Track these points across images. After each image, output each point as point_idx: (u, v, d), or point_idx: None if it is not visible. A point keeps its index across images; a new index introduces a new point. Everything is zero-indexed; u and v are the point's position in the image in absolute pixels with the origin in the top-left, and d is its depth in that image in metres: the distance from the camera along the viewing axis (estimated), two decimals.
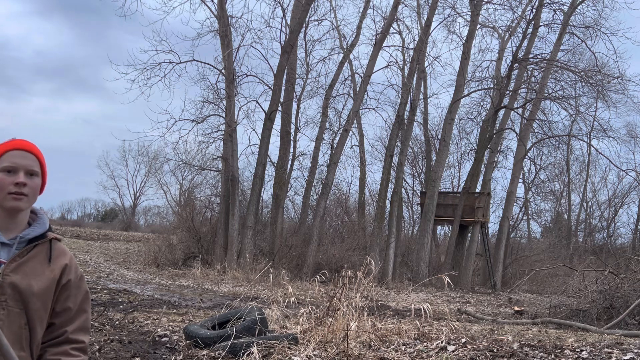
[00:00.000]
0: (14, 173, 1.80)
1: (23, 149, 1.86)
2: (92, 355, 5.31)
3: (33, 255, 1.83)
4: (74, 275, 1.91)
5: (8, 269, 1.77)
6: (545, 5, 22.02)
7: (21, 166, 1.82)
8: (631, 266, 12.57)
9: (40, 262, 1.84)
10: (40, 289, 1.80)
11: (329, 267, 16.28)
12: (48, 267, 1.84)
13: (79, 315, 1.91)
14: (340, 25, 23.34)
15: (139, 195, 55.08)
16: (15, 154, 1.83)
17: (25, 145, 1.88)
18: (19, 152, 1.84)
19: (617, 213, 33.18)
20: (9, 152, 1.82)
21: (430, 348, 5.56)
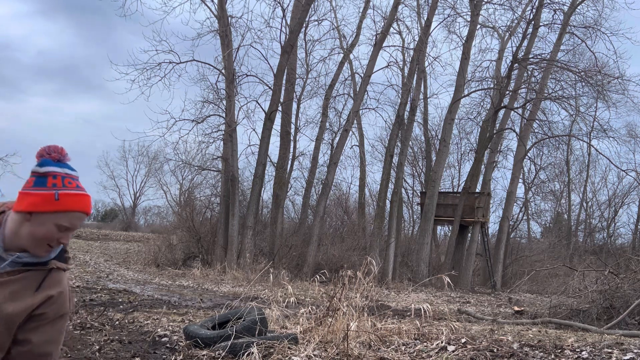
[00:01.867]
0: (65, 232, 1.75)
1: (87, 213, 1.80)
2: (92, 355, 5.31)
3: (22, 278, 1.75)
4: (54, 310, 1.80)
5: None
6: (545, 5, 22.03)
7: (75, 227, 1.78)
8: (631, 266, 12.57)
9: (27, 287, 1.76)
10: (12, 313, 1.72)
11: (329, 267, 16.28)
12: (32, 294, 1.76)
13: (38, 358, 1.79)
14: (340, 25, 23.37)
15: (139, 195, 55.12)
16: (79, 217, 1.77)
17: (89, 208, 1.81)
18: (83, 215, 1.78)
19: (617, 213, 33.21)
20: (75, 212, 1.74)
21: (430, 348, 5.56)
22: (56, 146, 1.79)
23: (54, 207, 1.70)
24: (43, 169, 1.74)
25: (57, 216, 1.71)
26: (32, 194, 1.72)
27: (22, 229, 1.72)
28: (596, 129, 25.14)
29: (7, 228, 1.74)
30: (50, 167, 1.75)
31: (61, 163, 1.78)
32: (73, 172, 1.80)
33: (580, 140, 27.29)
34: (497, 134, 22.88)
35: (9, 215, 1.75)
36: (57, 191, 1.71)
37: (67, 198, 1.72)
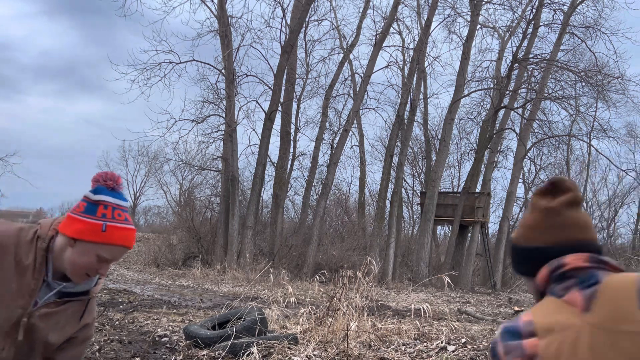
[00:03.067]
0: (105, 263, 1.74)
1: (130, 247, 1.78)
2: (92, 355, 5.31)
3: (67, 308, 1.79)
4: (84, 335, 1.86)
5: (38, 312, 1.73)
6: (545, 5, 22.03)
7: (116, 260, 1.77)
8: (631, 266, 12.57)
9: (71, 317, 1.80)
10: (55, 343, 1.78)
11: (329, 267, 16.28)
12: (75, 324, 1.81)
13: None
14: (340, 25, 23.37)
15: (139, 195, 55.10)
16: (121, 250, 1.75)
17: (133, 243, 1.78)
18: (126, 249, 1.76)
19: (617, 213, 33.17)
20: (119, 247, 1.73)
21: (430, 348, 5.56)
22: (113, 174, 1.77)
23: (99, 239, 1.69)
24: (96, 196, 1.72)
25: (101, 247, 1.69)
26: (80, 220, 1.70)
27: (65, 253, 1.71)
28: (596, 129, 25.13)
29: (55, 252, 1.74)
30: (103, 195, 1.73)
31: (115, 192, 1.75)
32: (124, 203, 1.77)
33: (580, 140, 27.27)
34: (497, 134, 22.88)
35: (57, 238, 1.75)
36: (106, 222, 1.69)
37: (114, 231, 1.70)
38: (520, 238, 1.45)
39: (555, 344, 1.22)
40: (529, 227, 1.43)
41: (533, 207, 1.44)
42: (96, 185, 1.75)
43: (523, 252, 1.43)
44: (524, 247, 1.43)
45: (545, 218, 1.40)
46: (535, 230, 1.41)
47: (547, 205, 1.40)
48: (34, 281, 1.72)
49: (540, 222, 1.40)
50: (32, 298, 1.72)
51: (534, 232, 1.41)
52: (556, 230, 1.38)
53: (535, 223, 1.41)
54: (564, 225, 1.38)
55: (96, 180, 1.75)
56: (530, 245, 1.41)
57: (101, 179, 1.75)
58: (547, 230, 1.39)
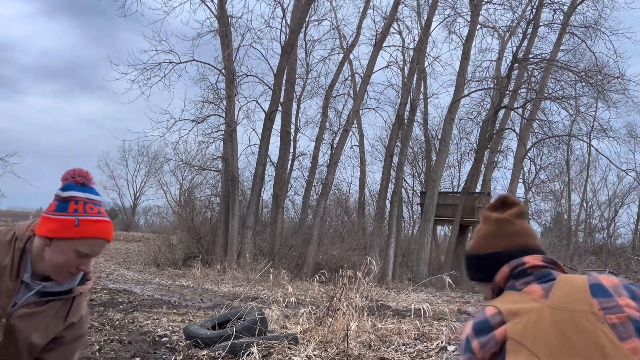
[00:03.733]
0: (85, 259, 1.73)
1: (108, 239, 1.77)
2: (92, 355, 5.31)
3: (49, 308, 1.77)
4: (73, 334, 1.84)
5: (16, 313, 1.71)
6: (545, 5, 22.03)
7: (95, 254, 1.76)
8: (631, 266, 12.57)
9: (54, 316, 1.78)
10: (38, 343, 1.76)
11: (329, 267, 16.28)
12: (59, 323, 1.79)
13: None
14: (340, 25, 23.36)
15: (139, 195, 55.12)
16: (99, 243, 1.74)
17: (110, 235, 1.77)
18: (104, 242, 1.75)
19: (617, 213, 33.16)
20: (95, 239, 1.72)
21: (430, 348, 5.56)
22: (81, 170, 1.77)
23: (73, 234, 1.68)
24: (65, 193, 1.72)
25: (77, 242, 1.68)
26: (52, 219, 1.70)
27: (44, 254, 1.70)
28: (596, 129, 25.12)
29: (33, 253, 1.73)
30: (73, 191, 1.72)
31: (85, 187, 1.75)
32: (96, 197, 1.77)
33: (580, 140, 27.26)
34: (497, 134, 22.88)
35: (34, 239, 1.74)
36: (78, 217, 1.69)
37: (87, 224, 1.69)
38: (476, 248, 1.62)
39: (521, 323, 1.36)
40: (483, 237, 1.60)
41: (486, 219, 1.62)
42: (65, 183, 1.74)
43: (479, 259, 1.60)
44: (480, 254, 1.60)
45: (498, 227, 1.57)
46: (490, 239, 1.58)
47: (499, 217, 1.58)
48: (12, 282, 1.70)
49: (494, 231, 1.58)
50: (10, 299, 1.70)
51: (489, 241, 1.58)
52: (509, 237, 1.55)
53: (489, 233, 1.59)
54: (516, 232, 1.56)
55: (65, 178, 1.75)
56: (486, 252, 1.58)
57: (69, 176, 1.75)
58: (501, 237, 1.56)
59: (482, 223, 1.63)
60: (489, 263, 1.56)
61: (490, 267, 1.55)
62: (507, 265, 1.51)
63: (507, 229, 1.56)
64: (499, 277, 1.52)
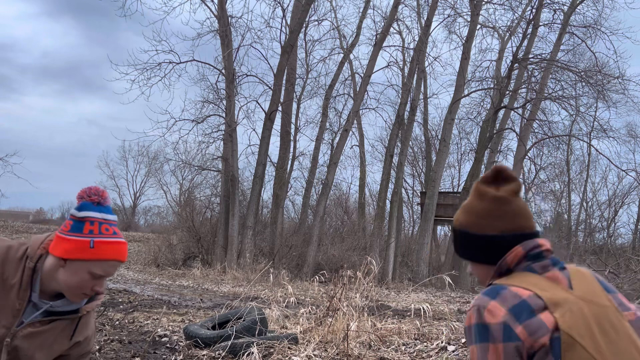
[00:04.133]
0: (99, 280, 1.71)
1: (122, 260, 1.75)
2: (92, 355, 5.31)
3: (55, 327, 1.74)
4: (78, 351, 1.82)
5: (21, 332, 1.69)
6: (545, 5, 22.02)
7: (109, 275, 1.74)
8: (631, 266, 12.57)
9: (60, 335, 1.75)
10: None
11: (329, 267, 16.29)
12: (64, 342, 1.76)
13: None
14: (340, 25, 23.37)
15: (139, 195, 55.11)
16: (114, 265, 1.72)
17: (125, 256, 1.75)
18: (118, 263, 1.73)
19: (617, 213, 33.15)
20: (110, 261, 1.69)
21: (430, 348, 5.56)
22: (97, 188, 1.74)
23: (88, 256, 1.65)
24: (81, 213, 1.69)
25: (92, 264, 1.66)
26: (67, 240, 1.67)
27: (58, 274, 1.68)
28: (596, 129, 25.13)
29: (45, 271, 1.70)
30: (89, 211, 1.69)
31: (101, 207, 1.72)
32: (111, 217, 1.74)
33: (580, 140, 27.26)
34: (497, 134, 22.88)
35: (47, 258, 1.71)
36: (93, 239, 1.66)
37: (102, 246, 1.67)
38: (471, 225, 1.49)
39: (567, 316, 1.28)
40: (480, 216, 1.47)
41: (480, 195, 1.49)
42: (81, 202, 1.72)
43: (474, 238, 1.48)
44: (475, 234, 1.48)
45: (496, 207, 1.45)
46: (486, 219, 1.46)
47: (496, 195, 1.46)
48: (19, 301, 1.68)
49: (492, 210, 1.46)
50: (16, 318, 1.68)
51: (487, 220, 1.46)
52: (506, 218, 1.44)
53: (486, 212, 1.46)
54: (515, 214, 1.45)
55: (81, 197, 1.72)
56: (484, 233, 1.46)
57: (85, 194, 1.71)
58: (499, 218, 1.44)
59: (476, 198, 1.50)
60: (484, 244, 1.46)
61: (485, 249, 1.45)
62: (521, 246, 1.42)
63: (504, 208, 1.44)
64: (510, 257, 1.42)
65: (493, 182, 1.50)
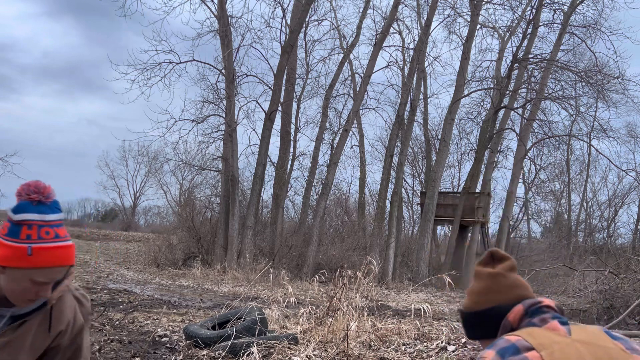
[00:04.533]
0: (43, 286, 1.54)
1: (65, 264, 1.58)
2: (92, 355, 5.31)
3: (28, 327, 1.61)
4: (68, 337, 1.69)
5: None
6: (545, 5, 22.03)
7: (52, 280, 1.56)
8: (631, 266, 12.56)
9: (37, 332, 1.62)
10: None
11: (329, 267, 16.28)
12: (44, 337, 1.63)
13: None
14: (340, 25, 23.37)
15: (139, 195, 55.12)
16: (57, 271, 1.55)
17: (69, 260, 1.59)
18: (62, 268, 1.57)
19: (617, 213, 33.15)
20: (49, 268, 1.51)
21: (430, 348, 5.56)
22: (37, 183, 1.53)
23: (26, 264, 1.47)
24: (17, 216, 1.50)
25: (32, 272, 1.49)
26: (4, 245, 1.49)
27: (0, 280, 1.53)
28: (596, 129, 25.14)
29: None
30: (26, 213, 1.50)
31: (41, 206, 1.52)
32: (53, 217, 1.54)
33: (580, 140, 27.27)
34: (497, 134, 22.88)
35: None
36: (31, 245, 1.48)
37: (42, 253, 1.49)
38: (471, 305, 1.58)
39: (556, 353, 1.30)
40: (479, 294, 1.57)
41: (478, 276, 1.60)
42: (19, 201, 1.52)
43: (476, 316, 1.56)
44: (476, 311, 1.56)
45: (492, 282, 1.55)
46: (486, 294, 1.55)
47: (491, 272, 1.56)
48: None
49: (489, 286, 1.55)
50: None
51: (485, 296, 1.55)
52: (505, 290, 1.53)
53: (484, 289, 1.56)
54: (510, 285, 1.53)
55: (19, 195, 1.53)
56: (482, 308, 1.54)
57: (24, 192, 1.52)
58: (497, 291, 1.53)
59: (475, 280, 1.60)
60: (486, 319, 1.52)
61: (489, 323, 1.51)
62: (521, 304, 1.48)
63: (501, 282, 1.53)
64: (512, 315, 1.48)
65: (489, 263, 1.59)
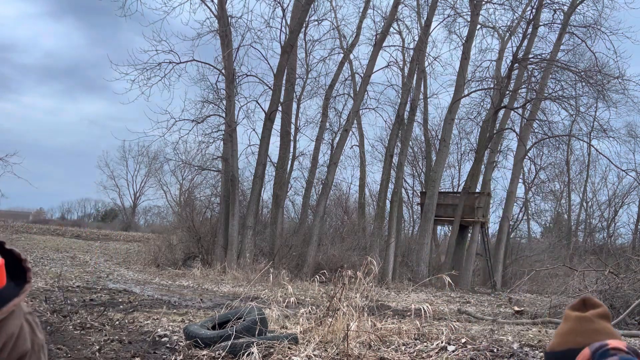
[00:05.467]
0: None
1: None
2: (92, 355, 5.31)
3: None
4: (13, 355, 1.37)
5: None
6: (545, 5, 22.03)
7: None
8: (631, 266, 12.57)
9: None
10: None
11: (329, 267, 16.28)
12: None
13: None
14: (340, 25, 23.36)
15: (139, 195, 55.16)
16: None
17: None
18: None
19: (617, 213, 33.18)
20: None
21: (430, 348, 5.56)
22: None
23: None
24: None
25: None
26: None
27: None
28: (596, 129, 25.15)
29: None
30: None
31: None
32: None
33: (580, 140, 27.29)
34: (497, 134, 22.88)
35: None
36: None
37: None
38: (554, 345, 1.56)
39: None
40: (562, 335, 1.55)
41: (566, 318, 1.57)
42: None
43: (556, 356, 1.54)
44: (557, 351, 1.54)
45: (578, 325, 1.52)
46: (569, 335, 1.52)
47: (580, 315, 1.53)
48: None
49: (574, 328, 1.53)
50: None
51: (567, 337, 1.53)
52: (588, 334, 1.49)
53: (569, 330, 1.54)
54: (596, 330, 1.49)
55: None
56: (562, 349, 1.52)
57: None
58: (580, 334, 1.50)
59: (563, 322, 1.58)
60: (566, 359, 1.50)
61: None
62: (587, 347, 1.44)
63: (587, 326, 1.50)
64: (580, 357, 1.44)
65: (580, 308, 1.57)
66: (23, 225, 36.93)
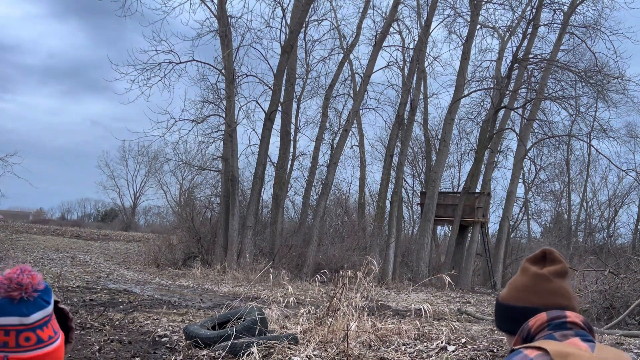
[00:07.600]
0: None
1: None
2: (92, 355, 5.31)
3: None
4: None
5: None
6: (545, 5, 22.03)
7: None
8: (631, 266, 12.57)
9: None
10: None
11: (329, 267, 16.28)
12: None
13: None
14: (340, 25, 23.37)
15: (139, 195, 55.12)
16: None
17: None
18: None
19: (617, 213, 33.16)
20: None
21: (430, 348, 5.56)
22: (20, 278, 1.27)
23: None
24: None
25: None
26: None
27: None
28: (596, 129, 25.16)
29: None
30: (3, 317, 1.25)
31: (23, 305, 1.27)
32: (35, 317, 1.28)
33: (580, 140, 27.28)
34: (497, 134, 22.88)
35: None
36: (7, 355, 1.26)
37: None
38: (508, 297, 1.55)
39: None
40: (517, 289, 1.53)
41: (524, 271, 1.56)
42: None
43: (510, 309, 1.54)
44: (511, 305, 1.53)
45: (535, 282, 1.50)
46: (524, 292, 1.51)
47: (537, 272, 1.51)
48: None
49: (530, 285, 1.51)
50: None
51: (523, 293, 1.51)
52: (544, 294, 1.48)
53: (524, 286, 1.52)
54: (551, 291, 1.48)
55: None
56: (517, 305, 1.51)
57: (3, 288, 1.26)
58: (535, 293, 1.49)
59: (519, 274, 1.56)
60: (518, 316, 1.49)
61: (519, 321, 1.48)
62: (545, 313, 1.43)
63: (543, 285, 1.48)
64: (533, 321, 1.44)
65: (539, 262, 1.55)
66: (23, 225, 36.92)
